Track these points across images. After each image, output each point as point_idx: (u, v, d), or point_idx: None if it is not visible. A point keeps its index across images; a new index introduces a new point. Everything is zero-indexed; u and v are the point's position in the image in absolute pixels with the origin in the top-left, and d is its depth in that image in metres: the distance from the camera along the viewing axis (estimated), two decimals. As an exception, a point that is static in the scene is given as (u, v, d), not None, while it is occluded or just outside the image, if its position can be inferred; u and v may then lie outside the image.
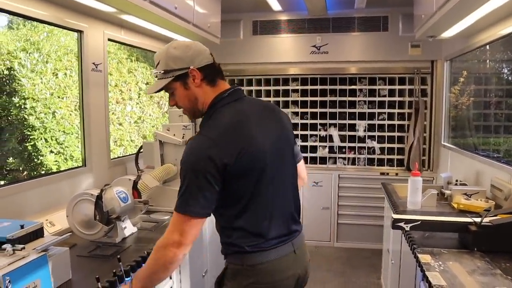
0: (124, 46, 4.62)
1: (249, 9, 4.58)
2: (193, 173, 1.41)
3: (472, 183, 3.17)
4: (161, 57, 1.53)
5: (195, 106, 1.56)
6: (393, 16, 4.41)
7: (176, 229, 1.44)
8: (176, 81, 1.52)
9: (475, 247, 1.96)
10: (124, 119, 5.41)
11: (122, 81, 5.33)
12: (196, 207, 1.42)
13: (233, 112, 1.54)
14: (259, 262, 1.54)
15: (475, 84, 4.20)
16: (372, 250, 4.41)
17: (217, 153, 1.41)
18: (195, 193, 1.41)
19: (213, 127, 1.49)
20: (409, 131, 4.47)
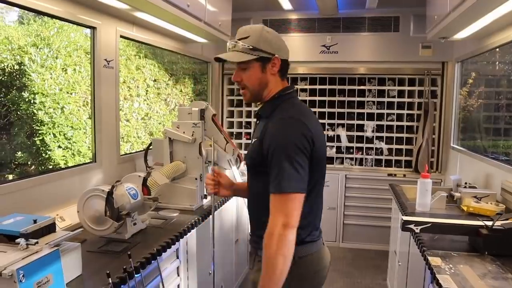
0: (133, 43, 4.63)
1: (260, 7, 4.57)
2: (294, 150, 1.44)
3: (482, 186, 3.15)
4: (253, 33, 1.55)
5: (261, 90, 1.61)
6: (405, 16, 4.39)
7: (279, 212, 1.42)
8: (258, 61, 1.56)
9: (486, 251, 1.95)
10: (131, 115, 5.42)
11: (130, 77, 5.34)
12: (300, 183, 1.44)
13: (303, 105, 1.65)
14: (310, 252, 1.61)
15: (485, 86, 4.17)
16: (378, 251, 4.40)
17: (311, 135, 1.47)
18: (298, 169, 1.43)
19: (300, 111, 1.56)
20: (418, 133, 4.45)
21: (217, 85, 4.91)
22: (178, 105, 5.71)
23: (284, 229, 1.40)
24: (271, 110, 1.59)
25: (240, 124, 5.01)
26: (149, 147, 2.97)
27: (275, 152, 1.45)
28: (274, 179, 1.43)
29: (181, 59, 6.08)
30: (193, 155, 2.77)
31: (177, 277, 2.35)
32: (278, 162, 1.43)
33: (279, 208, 1.42)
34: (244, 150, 4.90)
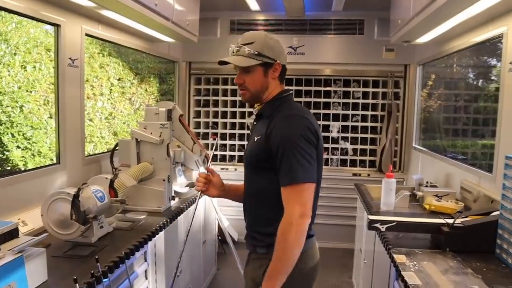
0: (96, 40, 4.51)
1: (227, 7, 4.57)
2: (303, 142, 1.52)
3: (442, 185, 3.27)
4: (258, 40, 1.64)
5: (261, 93, 1.70)
6: (369, 20, 4.50)
7: (295, 202, 1.49)
8: (261, 66, 1.65)
9: (448, 247, 2.03)
10: (94, 115, 5.28)
11: (93, 76, 5.19)
12: (313, 173, 1.54)
13: (301, 105, 1.75)
14: (308, 248, 1.71)
15: (444, 89, 4.34)
16: (344, 250, 4.49)
17: (314, 129, 1.58)
18: (309, 160, 1.52)
19: (301, 110, 1.66)
20: (382, 133, 4.57)
21: (184, 85, 4.87)
22: (143, 104, 5.62)
23: (301, 219, 1.48)
24: (272, 110, 1.67)
25: (207, 124, 4.99)
26: (115, 148, 2.90)
27: (286, 146, 1.52)
28: (288, 172, 1.50)
29: (146, 58, 5.96)
30: (161, 156, 2.74)
31: (145, 280, 2.32)
32: (289, 155, 1.51)
33: (295, 199, 1.49)
34: (211, 150, 4.87)
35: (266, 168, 1.62)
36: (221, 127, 4.93)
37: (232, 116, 4.93)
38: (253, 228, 1.75)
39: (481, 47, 3.06)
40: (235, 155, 4.92)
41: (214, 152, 4.88)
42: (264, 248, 1.68)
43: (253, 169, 1.72)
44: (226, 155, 4.93)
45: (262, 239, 1.69)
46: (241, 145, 4.89)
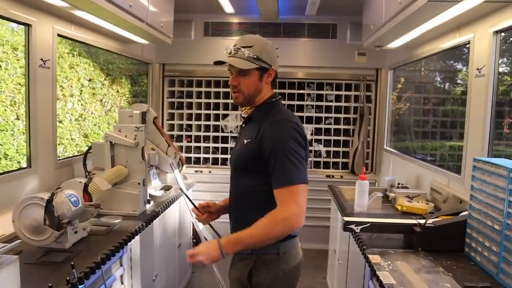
0: (66, 40, 4.40)
1: (202, 10, 4.55)
2: (296, 145, 1.58)
3: (413, 186, 3.37)
4: (257, 44, 1.70)
5: (254, 96, 1.74)
6: (342, 24, 4.59)
7: (291, 201, 1.53)
8: (258, 70, 1.69)
9: (420, 247, 2.09)
10: (64, 116, 5.14)
11: (63, 76, 5.06)
12: (305, 175, 1.59)
13: (289, 111, 1.80)
14: (292, 248, 1.77)
15: (413, 92, 4.47)
16: (318, 251, 4.53)
17: (303, 133, 1.65)
18: (301, 162, 1.58)
19: (290, 115, 1.72)
20: (354, 136, 4.66)
21: (157, 87, 4.82)
22: (114, 106, 5.52)
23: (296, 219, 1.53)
24: (262, 114, 1.72)
25: (181, 126, 4.95)
26: (88, 151, 2.84)
27: (279, 149, 1.57)
28: (282, 174, 1.55)
29: (118, 59, 5.86)
30: (136, 159, 2.70)
31: (121, 285, 2.28)
32: (283, 158, 1.55)
33: (291, 199, 1.53)
34: (185, 153, 4.85)
35: (253, 171, 1.66)
36: (195, 130, 4.91)
37: (206, 118, 4.92)
38: (238, 229, 1.74)
39: (447, 52, 3.18)
40: (209, 158, 4.90)
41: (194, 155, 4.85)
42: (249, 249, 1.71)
43: (240, 171, 1.75)
44: (200, 158, 4.91)
45: None
46: (215, 148, 4.88)
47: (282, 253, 1.72)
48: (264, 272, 1.71)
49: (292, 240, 1.77)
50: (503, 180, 1.77)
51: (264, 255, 1.71)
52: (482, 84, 2.43)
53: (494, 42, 2.36)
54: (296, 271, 1.81)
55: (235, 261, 1.83)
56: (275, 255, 1.71)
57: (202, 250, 1.58)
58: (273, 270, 1.71)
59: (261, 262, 1.71)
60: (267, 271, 1.71)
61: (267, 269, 1.71)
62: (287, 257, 1.74)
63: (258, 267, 1.72)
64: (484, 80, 2.41)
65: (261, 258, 1.71)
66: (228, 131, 4.85)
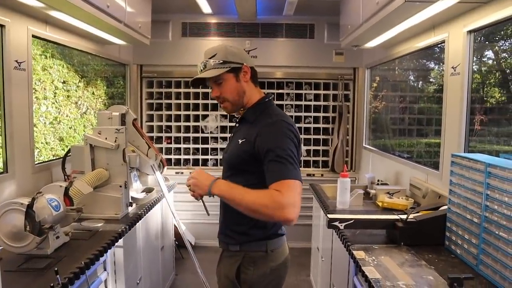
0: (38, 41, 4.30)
1: (179, 10, 4.52)
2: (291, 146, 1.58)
3: (393, 182, 3.44)
4: (220, 50, 1.71)
5: (241, 99, 1.75)
6: (319, 24, 4.64)
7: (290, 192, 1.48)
8: (230, 72, 1.70)
9: (402, 242, 2.14)
10: (38, 119, 5.02)
11: (36, 79, 4.94)
12: (300, 175, 1.56)
13: (282, 111, 1.78)
14: (279, 245, 1.79)
15: (390, 91, 4.56)
16: (300, 249, 4.56)
17: (297, 133, 1.65)
18: (297, 162, 1.57)
19: (283, 115, 1.71)
20: (334, 134, 4.72)
21: (135, 88, 4.76)
22: (90, 108, 5.42)
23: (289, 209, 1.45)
24: (256, 115, 1.73)
25: (160, 128, 4.91)
26: (67, 155, 2.79)
27: (275, 149, 1.55)
28: (279, 171, 1.51)
29: (93, 60, 5.76)
30: (117, 162, 2.66)
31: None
32: (278, 157, 1.53)
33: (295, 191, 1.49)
34: (165, 154, 4.81)
35: (247, 171, 1.67)
36: (175, 131, 4.87)
37: (186, 119, 4.89)
38: (227, 226, 1.80)
39: (420, 51, 3.25)
40: (190, 159, 4.88)
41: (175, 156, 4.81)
42: (237, 246, 1.76)
43: (232, 169, 1.76)
44: (180, 159, 4.88)
45: (234, 237, 1.76)
46: (195, 149, 4.85)
47: (270, 250, 1.75)
48: (252, 269, 1.74)
49: (280, 238, 1.81)
50: (480, 175, 1.83)
51: (252, 252, 1.74)
52: (458, 82, 2.50)
53: (468, 42, 2.43)
54: (284, 268, 1.83)
55: (223, 258, 1.85)
56: (263, 252, 1.74)
57: (197, 175, 1.64)
58: (261, 267, 1.74)
59: (249, 259, 1.74)
60: (255, 268, 1.74)
61: (255, 266, 1.74)
62: (274, 254, 1.77)
63: (246, 264, 1.74)
64: (459, 78, 2.49)
65: (249, 255, 1.74)
66: (208, 132, 4.83)
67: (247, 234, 1.74)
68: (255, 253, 1.75)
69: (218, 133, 4.83)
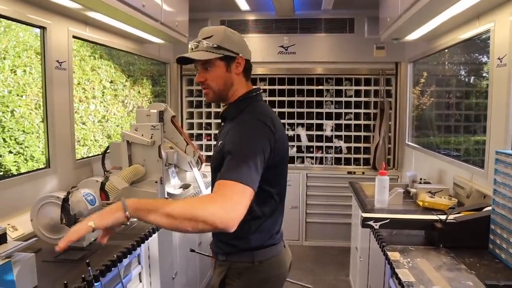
0: (87, 43, 4.48)
1: (217, 8, 4.55)
2: (257, 151, 1.40)
3: (435, 181, 3.28)
4: (217, 33, 1.54)
5: (226, 90, 1.59)
6: (359, 18, 4.51)
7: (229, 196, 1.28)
8: (222, 60, 1.54)
9: (441, 244, 2.02)
10: (87, 118, 5.25)
11: (85, 79, 5.16)
12: (255, 180, 1.36)
13: (269, 108, 1.62)
14: (270, 256, 1.61)
15: (435, 85, 4.36)
16: (340, 248, 4.49)
17: (273, 139, 1.47)
18: (259, 169, 1.37)
19: (264, 115, 1.53)
20: (375, 131, 4.58)
21: (175, 86, 4.85)
22: (136, 107, 5.60)
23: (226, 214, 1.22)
24: (237, 112, 1.58)
25: (200, 125, 4.97)
26: (106, 151, 2.88)
27: (238, 149, 1.39)
28: (230, 169, 1.32)
29: (139, 60, 5.95)
30: (153, 158, 2.72)
31: (139, 283, 2.30)
32: (238, 157, 1.35)
33: (229, 194, 1.27)
34: (205, 151, 4.87)
35: None
36: (214, 128, 4.92)
37: (225, 116, 4.91)
38: (214, 235, 1.69)
39: (472, 44, 3.07)
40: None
41: None
42: (224, 256, 1.63)
43: (215, 175, 1.54)
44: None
45: (221, 246, 1.64)
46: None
47: (257, 261, 1.58)
48: (237, 281, 1.59)
49: (270, 248, 1.61)
50: (527, 173, 1.69)
51: (237, 262, 1.60)
52: (504, 74, 2.33)
53: (516, 30, 2.26)
54: (277, 281, 1.66)
55: (215, 266, 1.71)
56: (249, 263, 1.58)
57: None
58: (246, 279, 1.59)
59: (234, 271, 1.60)
60: (240, 280, 1.59)
61: (240, 278, 1.59)
62: (263, 266, 1.59)
63: (231, 276, 1.60)
64: (505, 70, 2.32)
65: (234, 266, 1.60)
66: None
67: (231, 244, 1.59)
68: (240, 263, 1.59)
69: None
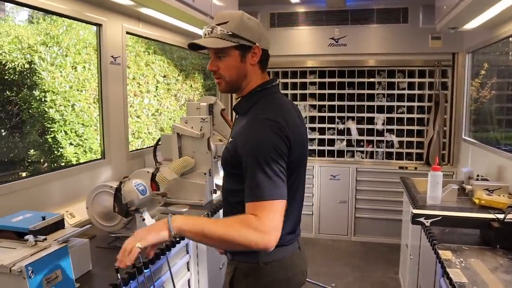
0: (142, 39, 4.64)
1: (267, 1, 4.55)
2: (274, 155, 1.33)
3: (494, 178, 3.10)
4: (233, 19, 1.43)
5: (239, 81, 1.49)
6: (413, 7, 4.33)
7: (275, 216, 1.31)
8: (237, 49, 1.43)
9: (498, 244, 1.92)
10: (141, 111, 5.46)
11: (139, 74, 5.36)
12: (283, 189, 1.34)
13: (283, 102, 1.51)
14: (277, 258, 1.48)
15: (497, 77, 4.10)
16: (390, 245, 4.37)
17: (287, 135, 1.36)
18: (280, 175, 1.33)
19: (278, 111, 1.42)
20: (429, 125, 4.39)
21: (225, 80, 4.90)
22: (188, 100, 5.74)
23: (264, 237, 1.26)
24: (248, 106, 1.49)
25: (249, 118, 5.00)
26: (158, 143, 2.98)
27: (253, 158, 1.32)
28: (254, 187, 1.30)
29: (190, 54, 6.08)
30: (202, 150, 2.77)
31: (187, 272, 2.36)
32: (256, 169, 1.31)
33: (263, 214, 1.27)
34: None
35: (233, 174, 1.46)
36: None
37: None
38: None
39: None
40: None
41: None
42: (231, 254, 1.57)
43: (225, 171, 1.55)
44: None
45: None
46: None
47: (262, 263, 1.47)
48: (244, 283, 1.51)
49: (278, 249, 1.42)
50: None
51: (242, 262, 1.52)
52: None
53: None
54: (286, 285, 1.54)
55: (227, 264, 1.66)
56: (254, 264, 1.48)
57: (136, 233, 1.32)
58: (252, 282, 1.50)
59: (240, 271, 1.52)
60: (246, 282, 1.51)
61: (246, 280, 1.51)
62: (270, 268, 1.48)
63: (238, 276, 1.53)
64: None
65: (240, 266, 1.52)
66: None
67: None
68: (245, 264, 1.51)
69: (307, 123, 4.78)
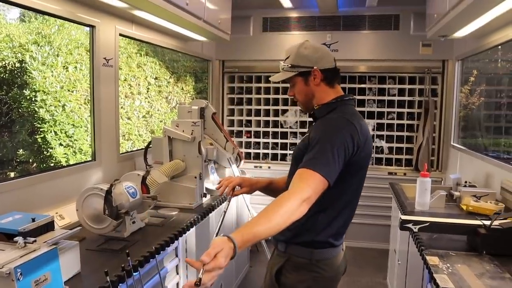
0: (134, 41, 4.63)
1: (259, 5, 4.57)
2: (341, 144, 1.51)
3: (482, 185, 3.14)
4: (292, 53, 1.71)
5: (309, 101, 1.74)
6: (405, 14, 4.38)
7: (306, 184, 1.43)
8: (299, 76, 1.70)
9: (484, 250, 1.94)
10: (132, 113, 5.43)
11: (131, 75, 5.35)
12: (333, 172, 1.48)
13: (357, 113, 1.69)
14: (328, 257, 1.68)
15: (486, 85, 4.16)
16: (378, 250, 4.40)
17: (358, 139, 1.55)
18: (339, 161, 1.49)
19: (352, 115, 1.63)
20: (418, 131, 4.44)
21: (217, 83, 4.91)
22: (179, 103, 5.72)
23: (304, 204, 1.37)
24: (327, 111, 1.68)
25: (241, 122, 5.01)
26: (148, 146, 2.97)
27: (320, 140, 1.51)
28: (313, 158, 1.47)
29: (182, 57, 6.08)
30: (193, 154, 2.77)
31: (176, 275, 2.36)
32: (322, 146, 1.49)
33: (306, 182, 1.42)
34: (245, 148, 4.91)
35: None
36: (254, 125, 4.94)
37: (266, 114, 4.94)
38: None
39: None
40: (269, 153, 4.91)
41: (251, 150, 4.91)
42: (284, 245, 1.72)
43: (295, 165, 1.65)
44: (259, 153, 4.94)
45: (283, 232, 1.57)
46: (275, 143, 4.88)
47: (315, 260, 1.66)
48: (294, 275, 1.68)
49: (330, 250, 1.69)
50: None
51: (295, 256, 1.68)
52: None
53: None
54: (330, 283, 1.72)
55: (274, 255, 1.82)
56: (306, 260, 1.67)
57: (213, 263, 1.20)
58: (302, 275, 1.67)
59: (291, 264, 1.69)
60: (297, 274, 1.67)
61: (297, 273, 1.67)
62: (320, 266, 1.67)
63: (288, 268, 1.69)
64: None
65: (292, 260, 1.69)
66: (287, 127, 4.84)
67: (294, 233, 1.65)
68: (298, 258, 1.68)
69: (297, 128, 4.80)
